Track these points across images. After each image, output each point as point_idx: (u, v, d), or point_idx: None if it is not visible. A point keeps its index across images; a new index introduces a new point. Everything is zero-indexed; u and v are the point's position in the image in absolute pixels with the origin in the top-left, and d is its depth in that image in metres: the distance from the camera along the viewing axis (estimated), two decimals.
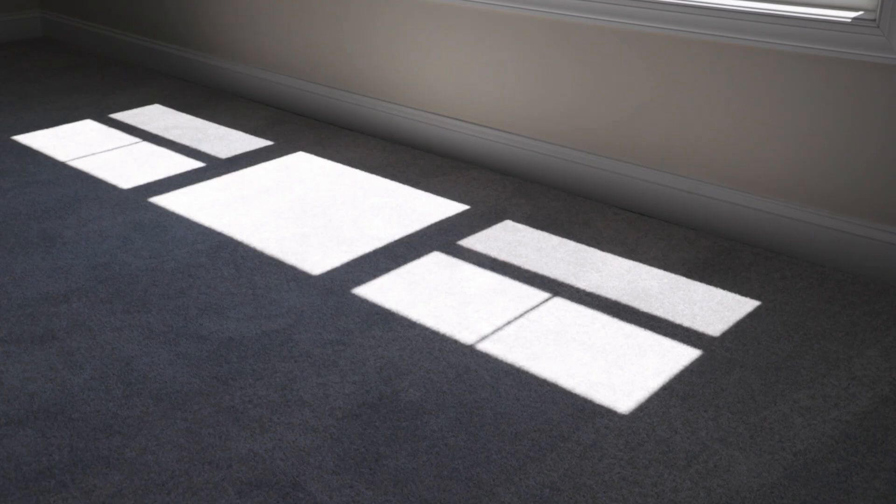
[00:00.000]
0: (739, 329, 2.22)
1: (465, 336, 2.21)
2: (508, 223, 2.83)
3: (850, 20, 2.29)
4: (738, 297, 2.37)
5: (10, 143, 3.56)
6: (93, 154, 3.44)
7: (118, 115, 3.86)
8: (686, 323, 2.25)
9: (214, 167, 3.30)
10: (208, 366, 2.09)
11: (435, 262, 2.59)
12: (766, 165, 2.58)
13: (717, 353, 2.12)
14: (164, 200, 3.02)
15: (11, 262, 2.61)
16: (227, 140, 3.57)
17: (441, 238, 2.73)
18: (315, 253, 2.65)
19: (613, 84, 2.85)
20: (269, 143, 3.54)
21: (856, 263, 2.46)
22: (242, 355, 2.13)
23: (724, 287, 2.43)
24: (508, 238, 2.73)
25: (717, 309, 2.31)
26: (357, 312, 2.32)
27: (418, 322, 2.27)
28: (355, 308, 2.34)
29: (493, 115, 3.21)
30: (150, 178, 3.21)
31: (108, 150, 3.47)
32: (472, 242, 2.70)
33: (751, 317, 2.28)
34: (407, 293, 2.41)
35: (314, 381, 2.03)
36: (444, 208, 2.94)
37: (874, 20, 2.25)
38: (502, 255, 2.62)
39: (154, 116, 3.85)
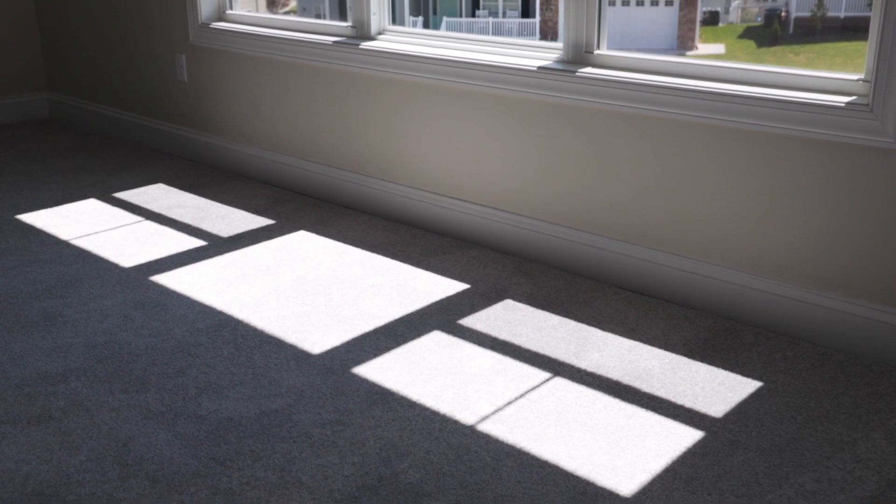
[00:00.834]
0: (742, 410, 2.20)
1: (466, 416, 2.19)
2: (509, 302, 2.83)
3: (843, 105, 2.33)
4: (740, 377, 2.36)
5: (13, 221, 3.58)
6: (96, 233, 3.46)
7: (122, 195, 3.90)
8: (688, 404, 2.23)
9: (216, 246, 3.32)
10: (206, 446, 2.07)
11: (435, 342, 2.58)
12: (766, 245, 2.60)
13: (719, 434, 2.10)
14: (166, 279, 3.03)
15: (11, 341, 2.60)
16: (229, 219, 3.59)
17: (441, 317, 2.73)
18: (315, 332, 2.65)
19: (615, 165, 2.88)
20: (271, 222, 3.56)
21: (857, 344, 2.46)
22: (241, 436, 2.11)
23: (725, 367, 2.41)
24: (509, 317, 2.72)
25: (720, 390, 2.30)
26: (357, 392, 2.30)
27: (418, 402, 2.25)
28: (355, 388, 2.33)
29: (494, 195, 3.24)
30: (151, 256, 3.23)
31: (111, 229, 3.50)
32: (472, 322, 2.70)
33: (753, 398, 2.26)
34: (407, 372, 2.40)
35: (313, 463, 2.00)
36: (445, 287, 2.95)
37: (867, 105, 2.30)
38: (503, 335, 2.61)
39: (157, 196, 3.89)
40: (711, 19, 4.80)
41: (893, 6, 2.22)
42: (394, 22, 3.61)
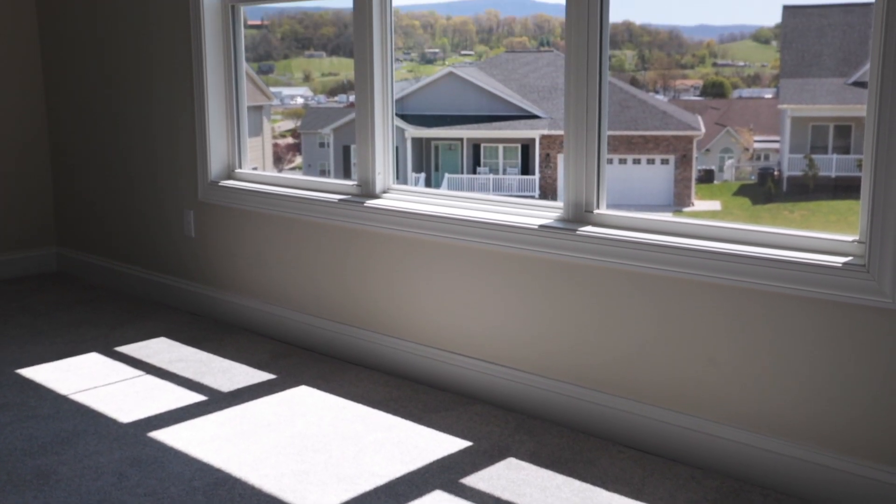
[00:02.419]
0: None
1: None
2: (512, 461, 2.78)
3: (840, 265, 2.37)
4: None
5: (13, 376, 3.57)
6: (95, 387, 3.44)
7: (124, 349, 3.90)
8: None
9: (216, 401, 3.29)
10: None
11: (437, 502, 2.52)
12: (770, 404, 2.58)
13: None
14: (164, 435, 2.98)
15: (2, 502, 2.54)
16: (230, 373, 3.58)
17: (443, 476, 2.68)
18: (314, 491, 2.59)
19: (615, 321, 2.90)
20: (272, 376, 3.55)
21: None
22: None
23: None
24: (512, 476, 2.67)
25: None
26: None
27: None
28: None
29: (496, 351, 3.24)
30: (150, 411, 3.20)
31: (112, 384, 3.48)
32: (475, 481, 2.65)
33: None
34: None
35: None
36: (447, 445, 2.90)
37: (864, 265, 2.34)
38: (506, 495, 2.55)
39: (159, 349, 3.89)
40: (706, 177, 4.93)
41: (882, 171, 2.29)
42: (396, 177, 3.71)
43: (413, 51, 5.66)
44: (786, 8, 3.63)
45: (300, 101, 6.26)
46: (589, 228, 2.92)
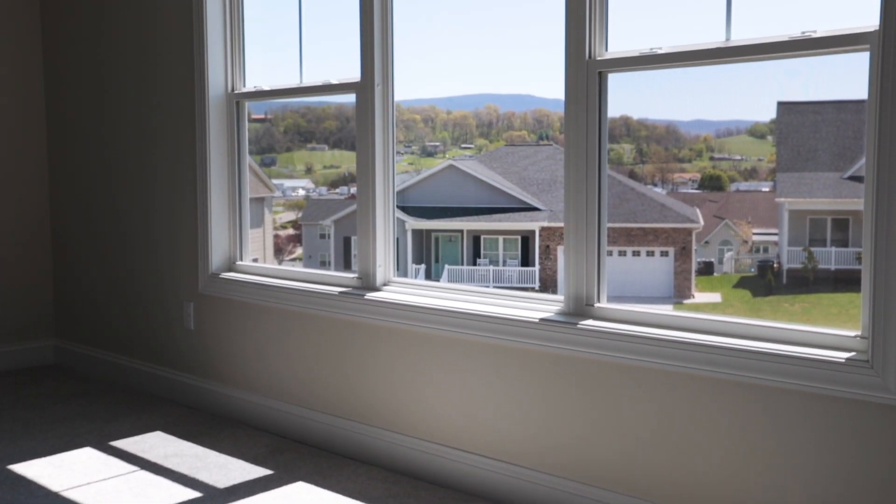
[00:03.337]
0: None
1: None
2: None
3: (843, 360, 2.35)
4: None
5: (5, 472, 3.50)
6: (88, 483, 3.37)
7: (119, 443, 3.84)
8: None
9: (211, 497, 3.22)
10: None
11: None
12: (772, 501, 2.52)
13: None
14: None
15: None
16: (226, 469, 3.51)
17: None
18: None
19: (614, 417, 2.86)
20: (269, 472, 3.48)
21: None
22: None
23: None
24: None
25: None
26: None
27: None
28: None
29: (497, 446, 3.19)
30: None
31: (105, 480, 3.41)
32: None
33: None
34: None
35: None
36: None
37: (867, 361, 2.32)
38: None
39: (155, 444, 3.82)
40: (706, 269, 4.94)
41: (882, 266, 2.29)
42: (397, 269, 3.72)
43: (414, 144, 5.74)
44: (780, 104, 3.69)
45: (302, 192, 6.32)
46: (590, 322, 2.91)
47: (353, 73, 3.67)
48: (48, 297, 5.35)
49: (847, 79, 2.73)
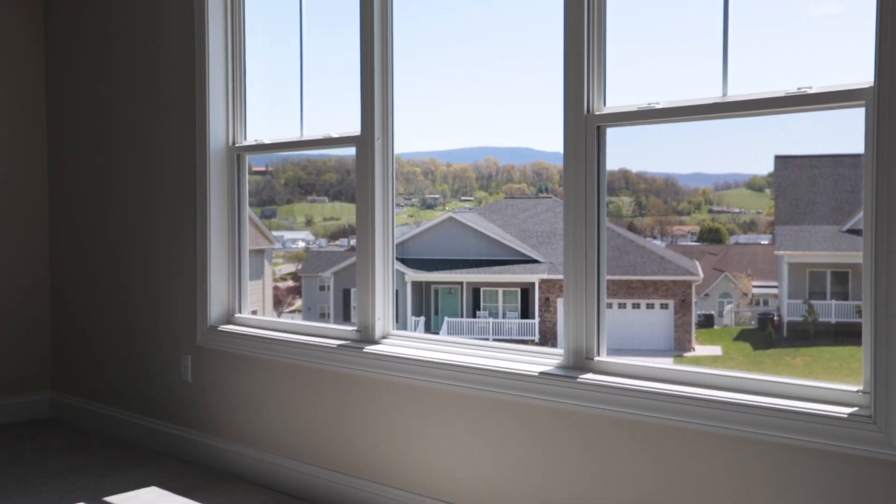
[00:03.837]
0: None
1: None
2: None
3: (846, 416, 2.33)
4: None
5: None
6: None
7: (113, 498, 3.79)
8: None
9: None
10: None
11: None
12: None
13: None
14: None
15: None
16: None
17: None
18: None
19: (614, 471, 2.83)
20: None
21: None
22: None
23: None
24: None
25: None
26: None
27: None
28: None
29: (496, 501, 3.14)
30: None
31: None
32: None
33: None
34: None
35: None
36: None
37: (870, 416, 2.29)
38: None
39: (150, 500, 3.77)
40: (706, 322, 4.92)
41: (882, 321, 2.29)
42: (396, 321, 3.70)
43: (414, 196, 5.76)
44: (777, 158, 3.71)
45: (301, 244, 6.33)
46: (590, 376, 2.89)
47: (354, 126, 3.70)
48: (45, 350, 5.32)
49: (843, 133, 2.75)
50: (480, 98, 4.59)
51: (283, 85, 4.37)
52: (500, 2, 4.09)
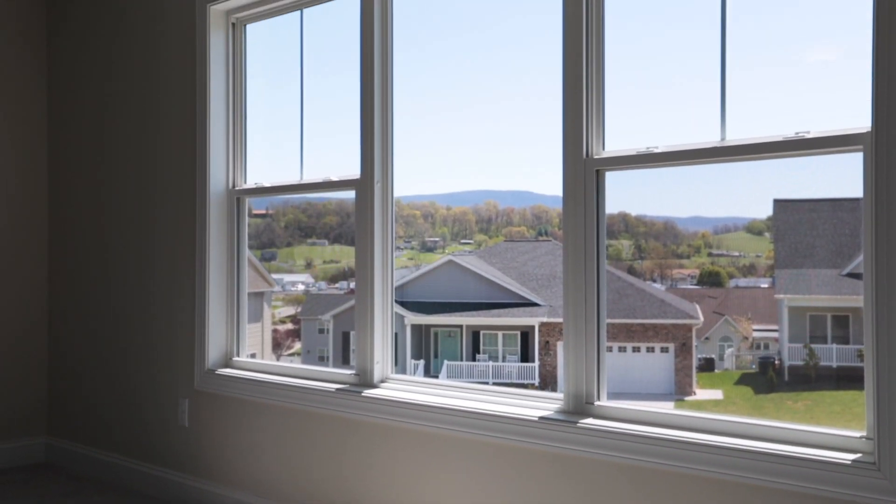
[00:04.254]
0: None
1: None
2: None
3: (849, 462, 2.31)
4: None
5: None
6: None
7: None
8: None
9: None
10: None
11: None
12: None
13: None
14: None
15: None
16: None
17: None
18: None
19: None
20: None
21: None
22: None
23: None
24: None
25: None
26: None
27: None
28: None
29: None
30: None
31: None
32: None
33: None
34: None
35: None
36: None
37: (874, 463, 2.27)
38: None
39: None
40: (707, 366, 4.89)
41: (885, 367, 2.27)
42: (395, 364, 3.68)
43: (414, 239, 5.76)
44: (776, 202, 3.72)
45: (301, 287, 6.32)
46: (590, 421, 2.87)
47: (354, 169, 3.71)
48: (41, 393, 5.29)
49: (841, 177, 2.76)
50: (480, 141, 4.62)
51: (283, 128, 4.40)
52: (499, 46, 4.13)
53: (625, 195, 3.30)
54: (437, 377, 5.09)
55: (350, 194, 3.77)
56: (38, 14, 5.28)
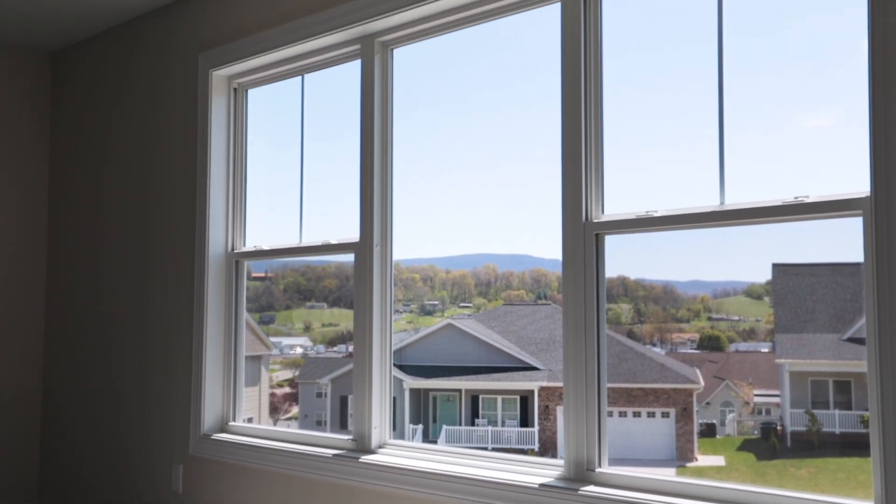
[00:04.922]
0: None
1: None
2: None
3: None
4: None
5: None
6: None
7: None
8: None
9: None
10: None
11: None
12: None
13: None
14: None
15: None
16: None
17: None
18: None
19: None
20: None
21: None
22: None
23: None
24: None
25: None
26: None
27: None
28: None
29: None
30: None
31: None
32: None
33: None
34: None
35: None
36: None
37: None
38: None
39: None
40: (708, 431, 4.84)
41: (892, 434, 2.24)
42: (394, 428, 3.64)
43: (413, 302, 5.75)
44: (775, 266, 3.72)
45: (299, 350, 6.28)
46: (591, 488, 2.82)
47: (353, 232, 3.72)
48: (34, 459, 5.21)
49: (841, 242, 2.77)
50: (479, 205, 4.64)
51: (283, 191, 4.42)
52: (498, 110, 4.18)
53: (624, 259, 3.30)
54: (435, 442, 5.04)
55: (349, 257, 3.77)
56: (43, 76, 5.35)
